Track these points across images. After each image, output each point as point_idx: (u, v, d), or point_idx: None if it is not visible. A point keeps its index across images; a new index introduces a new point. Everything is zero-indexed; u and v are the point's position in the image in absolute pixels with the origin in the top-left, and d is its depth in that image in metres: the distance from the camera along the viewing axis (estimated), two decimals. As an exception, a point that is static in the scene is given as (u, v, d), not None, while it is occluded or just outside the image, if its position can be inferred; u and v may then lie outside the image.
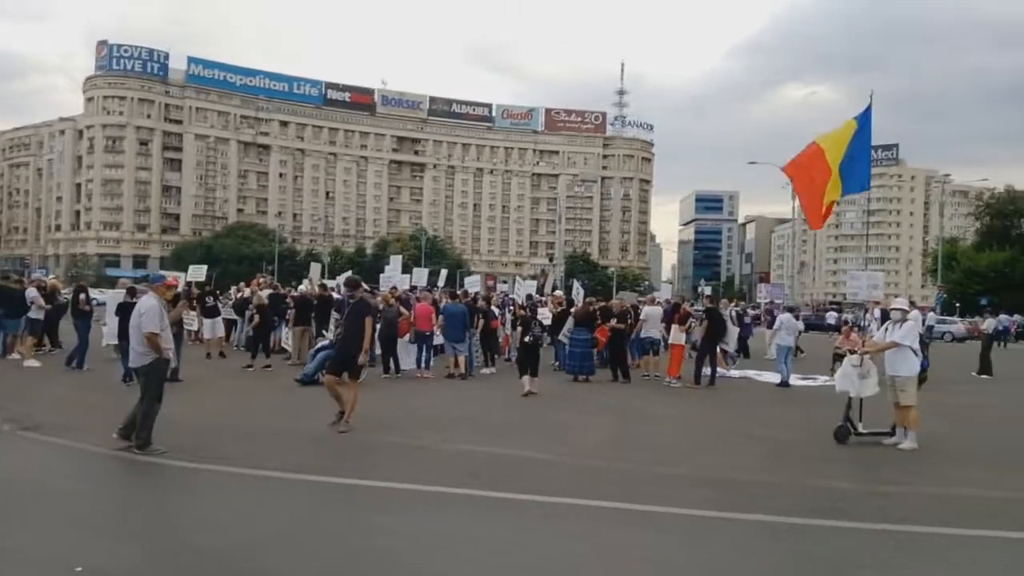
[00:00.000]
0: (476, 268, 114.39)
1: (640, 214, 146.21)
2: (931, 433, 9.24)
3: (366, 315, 9.13)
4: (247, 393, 12.26)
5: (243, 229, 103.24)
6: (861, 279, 10.63)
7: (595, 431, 9.81)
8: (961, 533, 5.71)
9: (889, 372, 9.15)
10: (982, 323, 22.22)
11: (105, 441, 7.79)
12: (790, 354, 15.18)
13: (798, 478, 7.37)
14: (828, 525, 5.77)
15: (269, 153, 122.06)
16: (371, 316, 9.42)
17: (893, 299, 10.02)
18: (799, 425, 10.56)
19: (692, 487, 6.86)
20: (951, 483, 7.33)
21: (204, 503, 5.99)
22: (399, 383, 13.90)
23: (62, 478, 6.79)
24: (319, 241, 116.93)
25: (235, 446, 7.97)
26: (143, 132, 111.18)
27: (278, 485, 6.64)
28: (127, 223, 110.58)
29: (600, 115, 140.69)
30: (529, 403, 12.10)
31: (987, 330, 20.99)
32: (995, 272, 61.06)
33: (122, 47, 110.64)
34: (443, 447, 8.29)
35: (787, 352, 15.02)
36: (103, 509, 5.90)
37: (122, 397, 9.48)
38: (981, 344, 20.05)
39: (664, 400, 13.00)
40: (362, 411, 9.70)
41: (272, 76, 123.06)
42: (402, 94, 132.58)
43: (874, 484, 7.22)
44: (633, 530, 5.64)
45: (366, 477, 6.79)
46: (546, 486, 6.65)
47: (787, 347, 15.03)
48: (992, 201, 73.48)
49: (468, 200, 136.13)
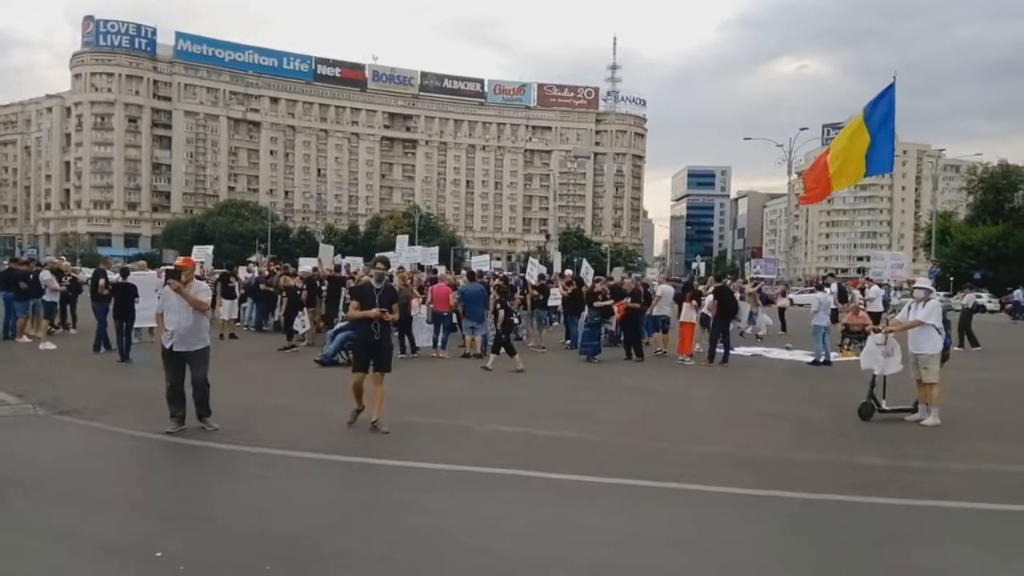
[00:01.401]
0: (469, 245, 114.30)
1: (633, 190, 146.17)
2: (951, 408, 9.42)
3: (395, 302, 8.44)
4: (270, 375, 12.32)
5: (235, 207, 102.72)
6: (885, 259, 10.82)
7: (620, 410, 9.95)
8: (996, 508, 5.88)
9: (912, 350, 9.30)
10: (962, 297, 22.35)
11: (142, 424, 7.91)
12: (828, 333, 15.24)
13: (829, 455, 7.52)
14: (867, 502, 5.93)
15: (259, 130, 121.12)
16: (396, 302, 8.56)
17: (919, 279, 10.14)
18: (819, 402, 10.72)
19: (728, 466, 7.01)
20: (978, 458, 7.51)
21: (257, 486, 6.08)
22: (416, 363, 13.99)
23: (111, 463, 6.89)
24: (311, 219, 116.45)
25: (272, 428, 8.06)
26: (132, 109, 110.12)
27: (325, 467, 6.76)
28: (117, 201, 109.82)
29: (593, 90, 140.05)
30: (551, 383, 12.25)
31: (967, 304, 21.09)
32: (988, 246, 61.42)
33: (109, 23, 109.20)
34: (477, 428, 8.41)
35: (824, 331, 15.08)
36: (161, 493, 5.98)
37: (146, 379, 9.56)
38: (959, 318, 20.10)
39: (681, 378, 13.16)
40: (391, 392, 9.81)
41: (261, 52, 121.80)
42: (393, 70, 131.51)
43: (904, 460, 7.38)
44: (676, 508, 5.80)
45: (409, 458, 6.92)
46: (583, 465, 6.80)
47: (823, 326, 15.07)
48: (985, 176, 73.64)
49: (461, 177, 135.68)
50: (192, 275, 8.01)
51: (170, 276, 8.05)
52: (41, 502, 5.48)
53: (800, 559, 4.79)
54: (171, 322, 7.73)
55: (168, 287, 7.87)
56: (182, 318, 7.67)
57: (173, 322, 7.71)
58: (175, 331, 7.69)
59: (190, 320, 7.68)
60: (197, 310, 7.70)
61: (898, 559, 4.78)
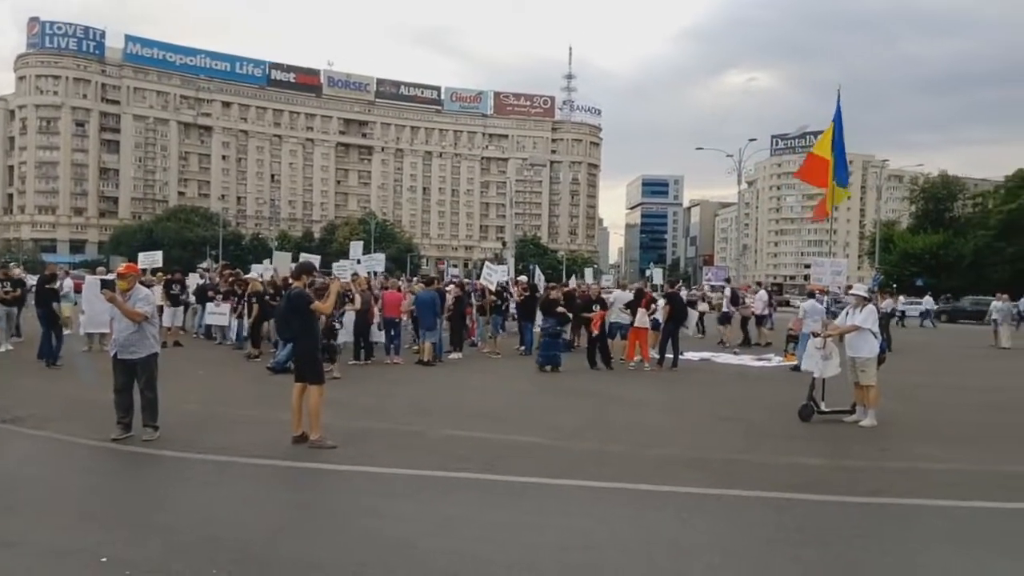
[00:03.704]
0: (426, 252, 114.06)
1: (588, 198, 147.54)
2: (887, 410, 9.80)
3: (308, 305, 7.74)
4: (221, 383, 12.20)
5: (185, 213, 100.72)
6: (825, 266, 11.03)
7: (575, 415, 10.09)
8: (928, 504, 6.16)
9: (850, 353, 9.66)
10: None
11: (89, 432, 7.80)
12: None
13: (773, 456, 7.77)
14: (809, 499, 6.16)
15: (211, 135, 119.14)
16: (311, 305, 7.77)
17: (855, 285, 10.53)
18: (764, 405, 11.03)
19: (681, 466, 7.20)
20: (912, 458, 7.82)
21: (210, 493, 6.05)
22: (371, 370, 13.98)
23: (57, 470, 6.78)
24: (264, 225, 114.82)
25: (225, 436, 8.01)
26: (79, 113, 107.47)
27: (279, 473, 6.76)
28: (63, 207, 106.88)
29: (549, 99, 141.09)
30: (505, 388, 12.40)
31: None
32: (930, 254, 63.58)
33: (55, 24, 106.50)
34: (431, 433, 8.45)
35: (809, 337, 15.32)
36: (108, 500, 5.92)
37: (94, 388, 9.40)
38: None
39: (632, 383, 13.37)
40: (344, 398, 9.83)
41: (214, 56, 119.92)
42: (349, 75, 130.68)
43: (843, 459, 7.67)
44: (635, 508, 5.93)
45: (364, 464, 6.93)
46: (540, 469, 6.91)
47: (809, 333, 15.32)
48: (927, 186, 76.38)
49: (417, 184, 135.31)
50: (133, 282, 7.86)
51: (104, 286, 7.93)
52: (-17, 512, 5.39)
53: (746, 554, 4.96)
54: (115, 329, 7.70)
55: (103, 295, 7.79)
56: (124, 325, 7.61)
57: (117, 329, 7.69)
58: (117, 339, 7.67)
59: (132, 328, 7.61)
60: (132, 321, 7.61)
61: (838, 553, 4.98)
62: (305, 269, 8.35)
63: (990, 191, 73.84)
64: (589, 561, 4.70)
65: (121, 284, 7.71)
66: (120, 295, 7.63)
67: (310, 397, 7.59)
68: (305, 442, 7.50)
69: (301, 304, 7.73)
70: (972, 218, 70.07)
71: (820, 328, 10.15)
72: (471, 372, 14.33)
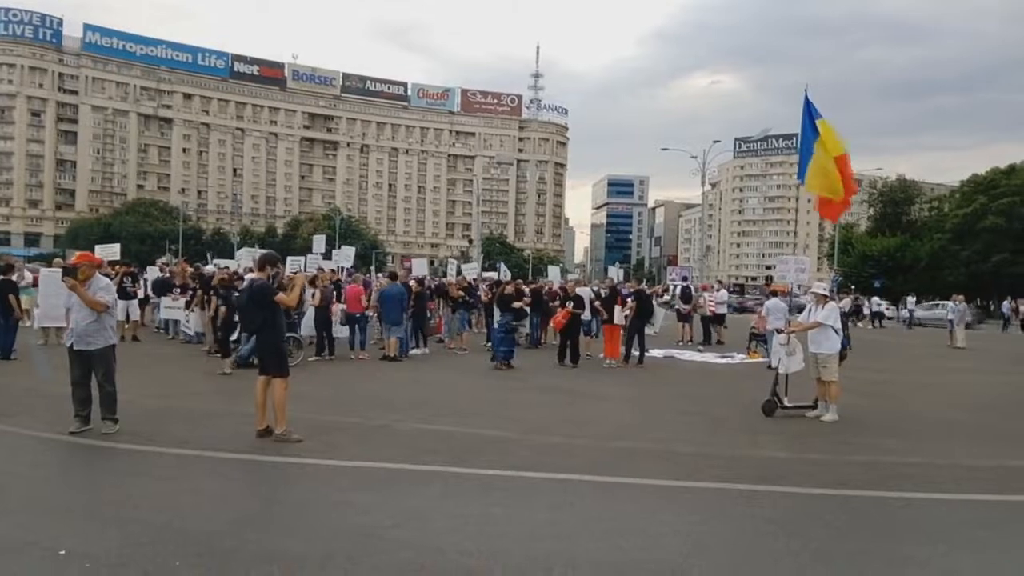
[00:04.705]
0: (391, 249, 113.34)
1: (555, 197, 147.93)
2: (849, 406, 9.97)
3: (272, 297, 7.57)
4: (182, 377, 11.95)
5: (144, 206, 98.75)
6: (789, 263, 11.23)
7: (542, 410, 10.09)
8: (891, 496, 6.26)
9: (812, 349, 9.81)
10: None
11: (44, 426, 7.62)
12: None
13: (737, 449, 7.85)
14: (775, 490, 6.24)
15: (171, 127, 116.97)
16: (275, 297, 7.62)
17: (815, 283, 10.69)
18: (727, 400, 11.16)
19: (648, 459, 7.24)
20: (874, 451, 7.96)
21: (173, 486, 5.91)
22: (337, 365, 13.85)
23: (10, 464, 6.54)
24: (226, 220, 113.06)
25: (186, 429, 7.85)
26: (35, 102, 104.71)
27: (243, 466, 6.63)
28: (18, 199, 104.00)
29: (516, 97, 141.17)
30: (472, 384, 12.35)
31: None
32: (887, 256, 64.95)
33: (10, 11, 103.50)
34: (397, 427, 8.39)
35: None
36: (65, 494, 5.76)
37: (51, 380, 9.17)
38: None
39: (597, 379, 13.42)
40: (309, 392, 9.71)
41: (175, 46, 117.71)
42: (314, 70, 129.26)
43: (806, 453, 7.77)
44: (604, 500, 5.94)
45: (330, 457, 6.85)
46: (508, 461, 6.89)
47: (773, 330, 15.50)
48: (885, 189, 78.02)
49: (383, 180, 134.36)
50: (90, 272, 7.65)
51: (66, 274, 7.72)
52: (-67, 505, 5.20)
53: (717, 544, 4.99)
54: (72, 319, 7.51)
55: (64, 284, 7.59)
56: (82, 316, 7.43)
57: (74, 319, 7.51)
58: (75, 328, 7.48)
59: (91, 318, 7.43)
60: (94, 310, 7.44)
61: (806, 542, 5.03)
62: (269, 260, 8.17)
63: (946, 195, 75.78)
64: (558, 550, 4.68)
65: (81, 273, 7.52)
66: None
67: (275, 390, 7.46)
68: (270, 436, 7.38)
69: (264, 296, 7.58)
70: (928, 222, 71.72)
71: (783, 325, 10.33)
72: (437, 368, 14.26)
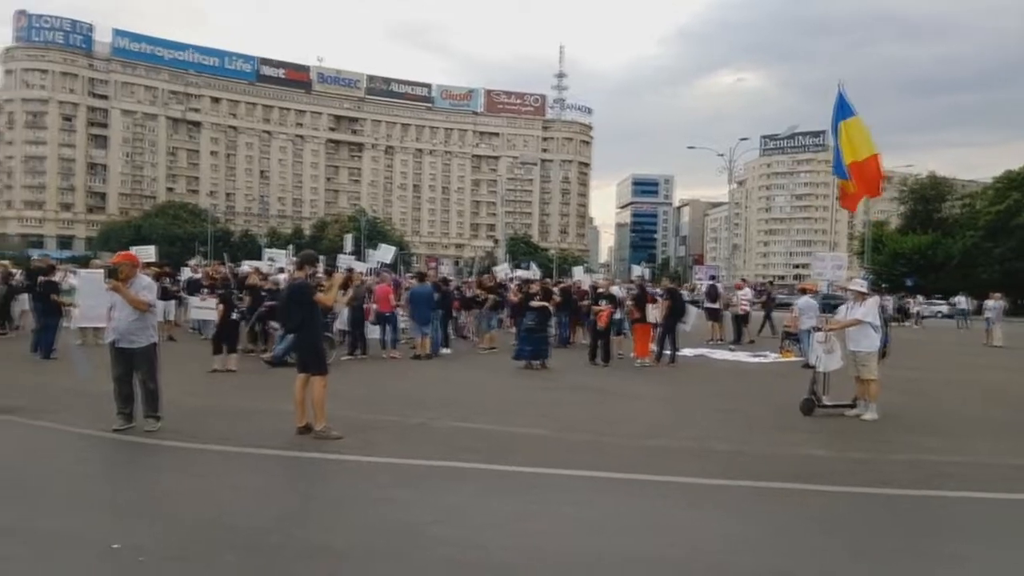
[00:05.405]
0: (417, 250, 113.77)
1: (579, 196, 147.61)
2: (888, 404, 9.82)
3: (311, 296, 7.73)
4: (220, 375, 12.08)
5: (174, 209, 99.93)
6: (826, 260, 11.07)
7: (576, 408, 10.08)
8: (935, 495, 6.17)
9: (851, 347, 9.68)
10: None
11: (88, 423, 7.75)
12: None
13: (775, 447, 7.78)
14: (815, 489, 6.17)
15: (200, 130, 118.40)
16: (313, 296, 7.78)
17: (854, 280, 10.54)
18: (762, 399, 11.05)
19: (684, 457, 7.20)
20: (915, 450, 7.84)
21: (217, 482, 6.00)
22: (370, 364, 13.94)
23: (59, 460, 6.70)
24: (254, 222, 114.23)
25: (227, 426, 7.96)
26: (67, 107, 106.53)
27: (284, 463, 6.71)
28: (51, 202, 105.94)
29: (540, 97, 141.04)
30: (504, 382, 12.35)
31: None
32: (919, 254, 63.99)
33: (43, 18, 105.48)
34: (434, 425, 8.43)
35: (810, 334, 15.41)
36: (114, 489, 5.86)
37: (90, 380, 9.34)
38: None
39: (632, 378, 13.35)
40: (345, 391, 9.77)
41: (202, 50, 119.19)
42: (339, 72, 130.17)
43: (847, 451, 7.67)
44: (639, 498, 5.92)
45: (369, 454, 6.89)
46: (545, 459, 6.87)
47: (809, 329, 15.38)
48: (916, 187, 76.83)
49: (408, 181, 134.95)
50: (132, 271, 7.79)
51: (109, 275, 7.87)
52: (-12, 499, 5.32)
53: (758, 543, 4.94)
54: (115, 318, 7.63)
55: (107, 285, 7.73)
56: (125, 314, 7.55)
57: (116, 318, 7.62)
58: (117, 327, 7.59)
59: (133, 316, 7.55)
60: (137, 309, 7.56)
61: (849, 542, 4.98)
62: (308, 260, 8.31)
63: (978, 192, 74.36)
64: (599, 547, 4.67)
65: (122, 273, 7.66)
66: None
67: (314, 388, 7.54)
68: (309, 433, 7.45)
69: (303, 295, 7.67)
70: (960, 219, 70.48)
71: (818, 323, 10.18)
72: (467, 367, 14.30)
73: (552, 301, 15.74)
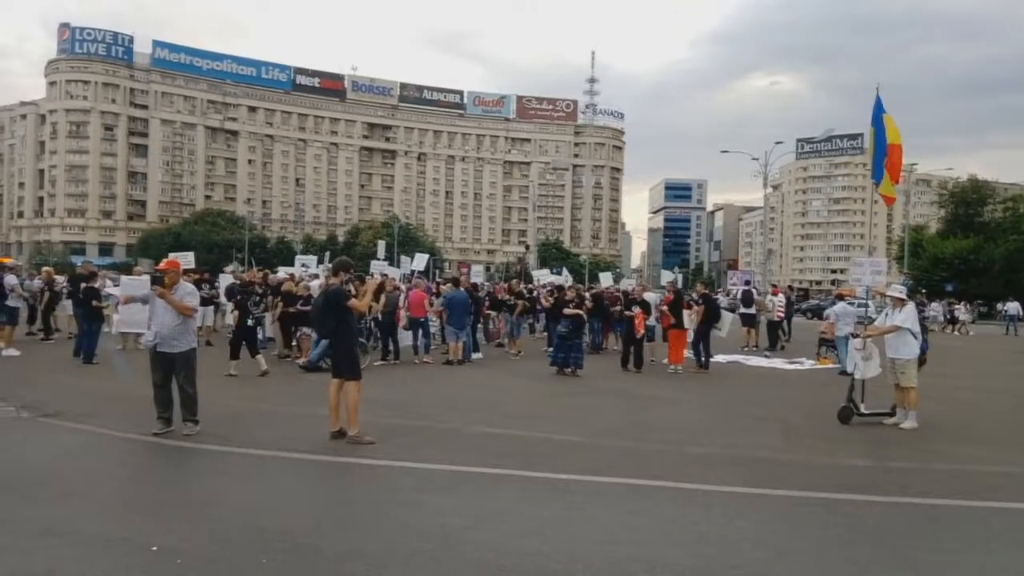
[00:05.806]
0: (448, 256, 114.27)
1: (611, 202, 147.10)
2: (927, 412, 9.61)
3: (345, 302, 7.77)
4: (254, 381, 12.24)
5: (212, 216, 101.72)
6: (864, 265, 10.81)
7: (610, 414, 10.03)
8: (979, 505, 6.03)
9: (890, 355, 9.49)
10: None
11: (129, 426, 7.89)
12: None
13: (815, 456, 7.65)
14: (857, 499, 6.05)
15: (237, 139, 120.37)
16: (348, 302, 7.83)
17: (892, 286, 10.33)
18: (799, 406, 10.89)
19: (722, 465, 7.10)
20: (956, 459, 7.67)
21: (254, 485, 6.07)
22: (402, 369, 14.01)
23: (101, 463, 6.84)
24: (289, 229, 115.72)
25: (262, 431, 8.06)
26: (108, 117, 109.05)
27: (320, 467, 6.77)
28: (92, 210, 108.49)
29: (571, 103, 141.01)
30: (536, 388, 12.34)
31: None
32: (960, 259, 62.53)
33: (85, 30, 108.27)
34: (467, 430, 8.44)
35: (847, 340, 15.21)
36: (153, 492, 5.96)
37: (131, 384, 9.51)
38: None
39: (666, 385, 13.26)
40: (378, 396, 9.84)
41: (239, 60, 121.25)
42: (372, 80, 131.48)
43: (887, 461, 7.54)
44: (680, 505, 5.85)
45: (403, 459, 6.92)
46: (582, 466, 6.85)
47: (844, 335, 15.19)
48: (956, 190, 75.10)
49: (440, 187, 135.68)
50: (177, 277, 7.99)
51: (154, 282, 8.05)
52: (33, 500, 5.43)
53: (798, 552, 4.88)
54: (156, 323, 7.76)
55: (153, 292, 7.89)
56: (167, 319, 7.68)
57: (157, 323, 7.75)
58: (159, 332, 7.72)
59: (175, 321, 7.69)
60: (183, 314, 7.71)
61: (892, 552, 4.88)
62: (343, 266, 8.37)
63: (1021, 195, 72.48)
64: (638, 555, 4.63)
65: (168, 279, 7.83)
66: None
67: (348, 393, 7.60)
68: (343, 437, 7.51)
69: (338, 301, 7.75)
70: (1003, 222, 68.74)
71: (855, 329, 10.00)
72: (498, 372, 14.31)
73: (584, 307, 15.72)
